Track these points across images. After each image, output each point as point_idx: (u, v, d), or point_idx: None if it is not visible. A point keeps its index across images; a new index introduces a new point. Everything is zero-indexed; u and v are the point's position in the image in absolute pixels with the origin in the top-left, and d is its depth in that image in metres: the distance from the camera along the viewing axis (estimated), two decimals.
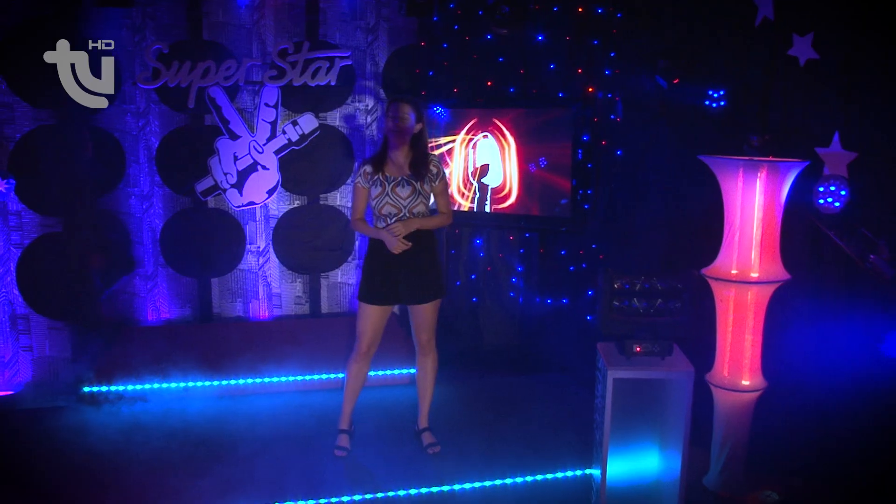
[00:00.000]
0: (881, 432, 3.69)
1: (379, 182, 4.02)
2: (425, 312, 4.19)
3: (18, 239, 5.51)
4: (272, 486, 3.89)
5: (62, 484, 3.94)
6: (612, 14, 5.11)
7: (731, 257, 3.86)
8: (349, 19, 5.99)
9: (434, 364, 4.35)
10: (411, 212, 4.01)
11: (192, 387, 5.05)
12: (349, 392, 4.30)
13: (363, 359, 4.22)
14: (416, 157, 4.04)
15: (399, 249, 3.98)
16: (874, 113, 3.97)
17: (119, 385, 4.97)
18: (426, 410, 4.39)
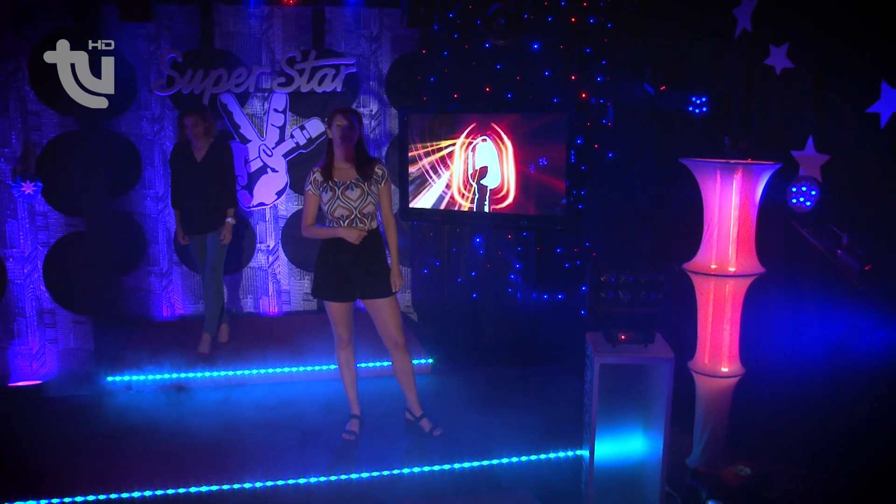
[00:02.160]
0: (849, 415, 4.02)
1: (329, 188, 4.30)
2: (384, 310, 4.44)
3: (45, 238, 5.90)
4: (285, 465, 4.25)
5: (85, 462, 4.31)
6: (603, 24, 5.45)
7: (710, 253, 4.21)
8: (354, 29, 6.36)
9: (408, 359, 4.58)
10: (361, 212, 4.31)
11: (205, 377, 5.41)
12: (346, 380, 4.66)
13: (345, 348, 4.57)
14: (360, 160, 4.33)
15: (359, 238, 4.28)
16: (845, 118, 4.30)
17: (138, 375, 5.34)
18: (415, 399, 4.68)
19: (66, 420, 4.92)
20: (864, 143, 4.08)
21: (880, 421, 3.87)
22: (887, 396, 3.83)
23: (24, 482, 4.05)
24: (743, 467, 3.84)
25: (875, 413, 3.90)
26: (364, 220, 4.35)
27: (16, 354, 5.97)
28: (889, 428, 3.82)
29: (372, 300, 4.43)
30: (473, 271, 6.35)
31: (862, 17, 4.16)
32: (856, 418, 3.98)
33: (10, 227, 5.87)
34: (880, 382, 3.89)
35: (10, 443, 4.58)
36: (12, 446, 4.52)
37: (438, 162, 6.05)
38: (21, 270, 5.93)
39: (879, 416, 3.88)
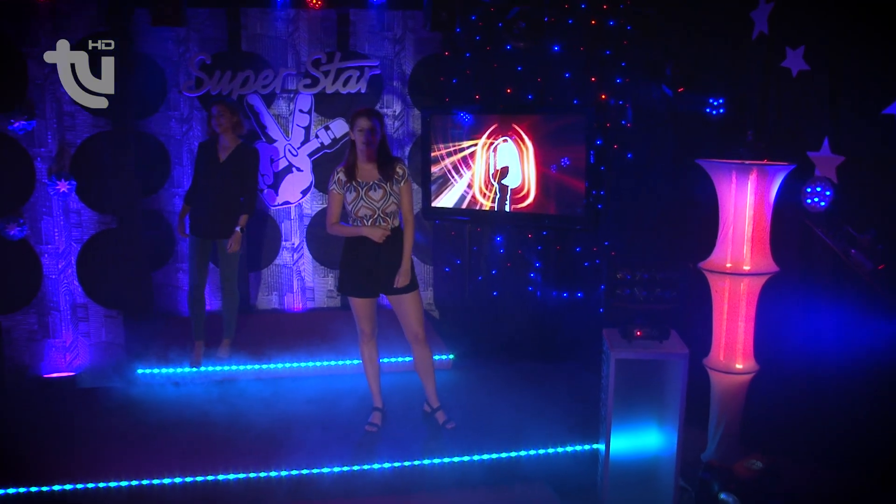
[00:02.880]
0: (860, 412, 4.13)
1: (353, 188, 4.48)
2: (406, 305, 4.62)
3: (79, 235, 6.14)
4: (310, 456, 4.44)
5: (117, 449, 4.53)
6: (622, 26, 5.59)
7: (725, 251, 4.34)
8: (378, 31, 6.54)
9: (428, 353, 4.76)
10: (384, 212, 4.49)
11: (232, 370, 5.62)
12: (369, 374, 4.85)
13: (368, 342, 4.77)
14: (382, 161, 4.51)
15: (382, 237, 4.47)
16: (860, 119, 4.40)
17: (166, 368, 5.56)
18: (433, 392, 4.85)
19: (98, 410, 5.16)
20: (879, 145, 4.19)
21: (891, 418, 3.99)
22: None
23: (61, 467, 4.28)
24: (755, 461, 3.96)
25: (886, 410, 4.01)
26: (387, 220, 4.52)
27: (50, 347, 6.22)
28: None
29: (395, 295, 4.61)
30: (494, 270, 6.50)
31: (877, 21, 4.27)
32: (867, 415, 4.10)
33: (46, 224, 6.11)
34: (891, 379, 4.00)
35: (46, 430, 4.81)
36: (48, 434, 4.76)
37: (460, 162, 6.21)
38: (56, 266, 6.18)
39: (890, 414, 4.00)
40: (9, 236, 5.90)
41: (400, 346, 5.29)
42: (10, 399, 5.58)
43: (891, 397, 3.96)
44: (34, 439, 4.69)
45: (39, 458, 4.44)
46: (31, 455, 4.47)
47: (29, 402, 5.47)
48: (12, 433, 4.80)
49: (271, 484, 4.30)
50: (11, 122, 5.79)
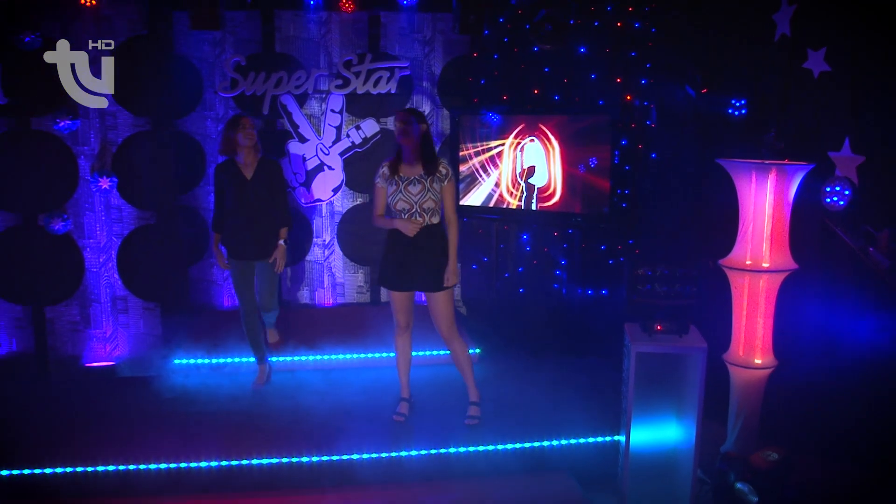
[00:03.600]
0: (876, 408, 4.26)
1: (394, 182, 4.73)
2: (438, 302, 4.82)
3: (119, 230, 6.43)
4: (339, 442, 4.67)
5: (154, 433, 4.80)
6: (647, 28, 5.75)
7: (744, 249, 4.50)
8: (408, 33, 6.76)
9: (462, 348, 4.95)
10: (421, 207, 4.69)
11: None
12: (400, 365, 5.06)
13: (401, 335, 4.97)
14: (425, 159, 4.72)
15: (414, 231, 4.68)
16: (880, 120, 4.52)
17: (201, 359, 5.84)
18: (472, 385, 5.04)
19: (136, 397, 5.45)
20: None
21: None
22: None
23: (101, 449, 4.57)
24: (771, 452, 4.11)
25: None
26: (423, 215, 4.72)
27: (91, 337, 6.53)
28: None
29: (428, 293, 4.82)
30: (520, 267, 6.68)
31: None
32: (883, 412, 4.23)
33: (88, 220, 6.42)
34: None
35: (88, 416, 5.11)
36: (90, 419, 5.05)
37: (488, 161, 6.41)
38: (97, 260, 6.48)
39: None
40: (53, 231, 6.22)
41: (432, 339, 5.48)
42: (54, 386, 5.93)
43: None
44: (77, 424, 4.98)
45: (82, 440, 4.71)
46: (74, 438, 4.75)
47: (72, 390, 5.77)
48: (57, 418, 5.09)
49: (301, 469, 4.56)
50: (57, 121, 6.10)
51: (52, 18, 6.07)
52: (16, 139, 6.16)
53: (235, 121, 5.23)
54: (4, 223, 6.29)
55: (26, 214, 6.29)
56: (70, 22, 6.10)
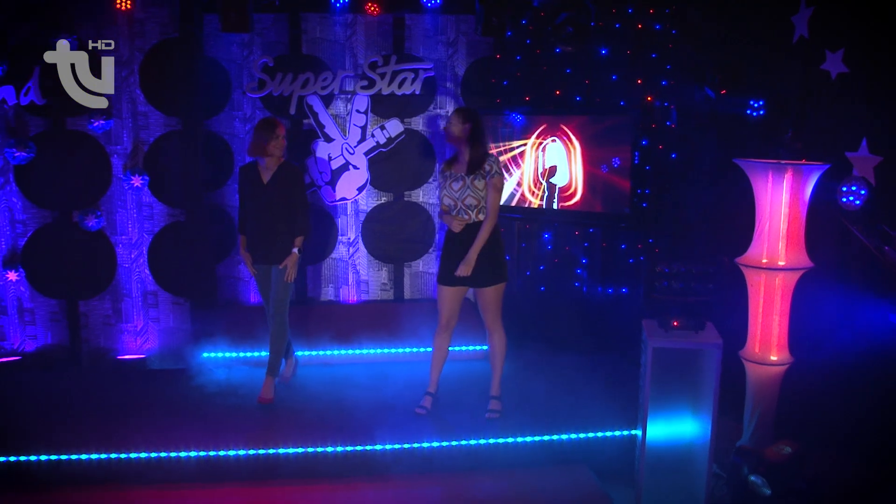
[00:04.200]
0: (891, 403, 4.37)
1: (445, 178, 4.97)
2: (485, 296, 5.02)
3: (150, 227, 6.67)
4: (362, 433, 4.86)
5: (182, 422, 5.04)
6: (668, 30, 5.88)
7: (761, 247, 4.62)
8: (432, 35, 6.93)
9: (500, 341, 5.15)
10: (464, 203, 4.87)
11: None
12: (434, 360, 5.22)
13: (443, 332, 5.13)
14: (473, 156, 4.90)
15: (458, 227, 4.88)
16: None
17: (229, 352, 6.06)
18: (496, 380, 5.20)
19: (166, 389, 5.70)
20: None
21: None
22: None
23: (135, 438, 4.78)
24: (784, 446, 4.24)
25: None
26: (468, 212, 4.89)
27: (122, 331, 6.76)
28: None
29: (476, 288, 5.02)
30: (542, 266, 6.83)
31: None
32: (894, 409, 4.33)
33: (120, 217, 6.66)
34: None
35: (120, 406, 5.35)
36: (122, 408, 5.29)
37: (510, 161, 6.57)
38: (129, 256, 6.72)
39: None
40: (87, 227, 6.46)
41: (462, 335, 5.69)
42: (88, 377, 6.20)
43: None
44: (110, 414, 5.21)
45: (115, 429, 4.93)
46: (107, 427, 4.97)
47: (104, 381, 6.01)
48: (90, 407, 5.33)
49: (326, 458, 4.75)
50: (91, 121, 6.33)
51: (87, 22, 6.31)
52: (52, 139, 6.41)
53: (272, 127, 5.24)
54: (41, 220, 6.54)
55: (62, 211, 6.53)
56: (105, 25, 6.35)
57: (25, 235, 6.52)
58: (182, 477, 4.67)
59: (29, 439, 4.75)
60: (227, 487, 4.64)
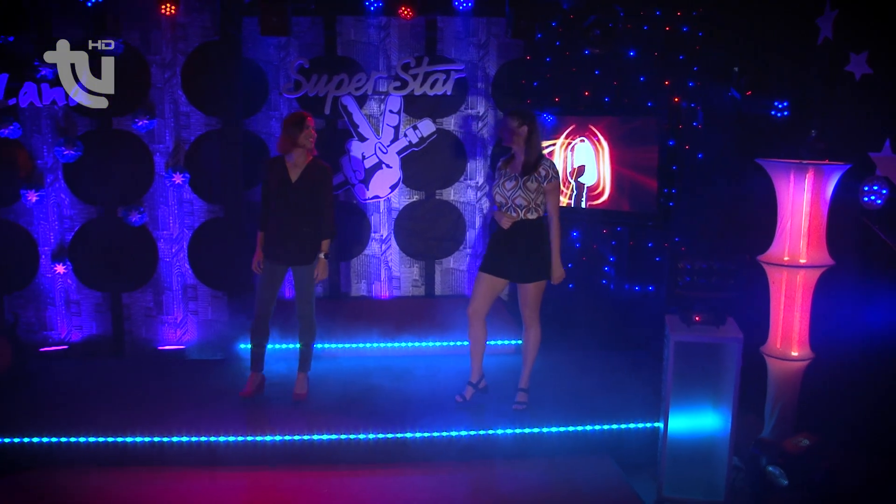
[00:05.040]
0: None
1: (500, 175, 5.18)
2: (525, 291, 5.21)
3: (190, 223, 6.97)
4: (395, 422, 5.10)
5: (224, 411, 5.31)
6: (695, 32, 6.02)
7: (783, 245, 4.77)
8: (463, 37, 7.15)
9: (535, 337, 5.33)
10: (514, 202, 5.06)
11: (325, 348, 6.34)
12: (471, 350, 5.40)
13: (474, 321, 5.29)
14: (528, 158, 5.08)
15: (506, 224, 5.08)
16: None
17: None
18: (526, 374, 5.39)
19: (205, 378, 5.99)
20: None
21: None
22: None
23: (176, 423, 5.06)
24: (802, 439, 4.38)
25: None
26: (517, 211, 5.09)
27: (163, 322, 7.08)
28: None
29: (518, 283, 5.22)
30: (570, 263, 6.96)
31: None
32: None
33: (161, 213, 6.97)
34: None
35: (161, 393, 5.65)
36: (163, 396, 5.59)
37: None
38: (170, 250, 7.03)
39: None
40: (130, 223, 6.78)
41: (496, 330, 5.89)
42: (130, 366, 6.53)
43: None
44: (152, 400, 5.52)
45: (157, 414, 5.22)
46: (150, 412, 5.27)
47: (146, 370, 6.33)
48: (133, 394, 5.64)
49: (359, 445, 4.99)
50: (135, 121, 6.67)
51: (133, 26, 6.66)
52: (98, 138, 6.74)
53: (300, 120, 5.17)
54: (87, 216, 6.88)
55: (107, 207, 6.87)
56: (150, 29, 6.68)
57: (73, 230, 6.87)
58: (221, 460, 4.94)
59: (76, 422, 5.06)
60: (264, 471, 4.88)
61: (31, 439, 4.93)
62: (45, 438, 4.94)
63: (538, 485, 4.80)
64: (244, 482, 4.80)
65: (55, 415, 5.20)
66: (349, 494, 4.67)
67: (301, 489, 4.71)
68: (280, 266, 5.34)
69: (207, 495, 4.67)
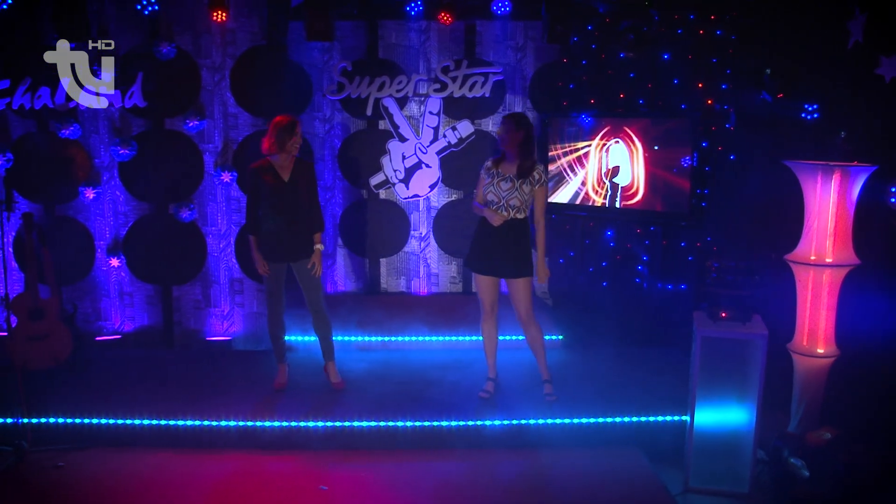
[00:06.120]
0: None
1: (492, 175, 5.36)
2: (516, 288, 5.39)
3: (238, 219, 7.30)
4: (429, 410, 5.37)
5: (272, 398, 5.65)
6: (728, 35, 6.19)
7: (809, 245, 4.93)
8: (501, 40, 7.39)
9: (536, 332, 5.49)
10: (507, 202, 5.27)
11: (365, 340, 6.68)
12: (486, 347, 5.69)
13: (487, 319, 5.57)
14: (522, 161, 5.29)
15: (498, 221, 5.27)
16: None
17: (306, 336, 6.61)
18: (544, 366, 5.60)
19: (251, 367, 6.34)
20: None
21: None
22: None
23: (226, 408, 5.40)
24: (825, 432, 4.55)
25: None
26: (509, 210, 5.31)
27: (211, 315, 7.44)
28: None
29: (508, 279, 5.42)
30: (604, 262, 7.20)
31: None
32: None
33: (210, 209, 7.33)
34: None
35: (209, 381, 6.02)
36: (212, 383, 5.95)
37: (575, 161, 6.97)
38: (217, 245, 7.38)
39: None
40: (181, 219, 7.16)
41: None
42: (180, 356, 6.94)
43: None
44: (202, 387, 5.88)
45: (208, 400, 5.58)
46: (199, 397, 5.63)
47: (194, 359, 6.73)
48: (183, 381, 6.01)
49: (397, 432, 5.27)
50: (186, 122, 7.04)
51: (186, 32, 7.03)
52: (152, 138, 7.12)
53: (291, 126, 5.40)
54: (140, 212, 7.27)
55: (159, 204, 7.25)
56: (201, 35, 7.05)
57: (126, 225, 7.26)
58: (267, 444, 5.26)
59: (129, 406, 5.44)
60: (305, 455, 5.19)
61: (89, 420, 5.32)
62: (102, 420, 5.33)
63: (568, 473, 5.01)
64: (286, 466, 5.08)
65: (111, 399, 5.59)
66: (394, 478, 4.95)
67: (343, 474, 4.99)
68: (280, 264, 5.59)
69: (255, 476, 4.97)
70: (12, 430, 5.11)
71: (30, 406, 5.18)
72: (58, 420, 5.32)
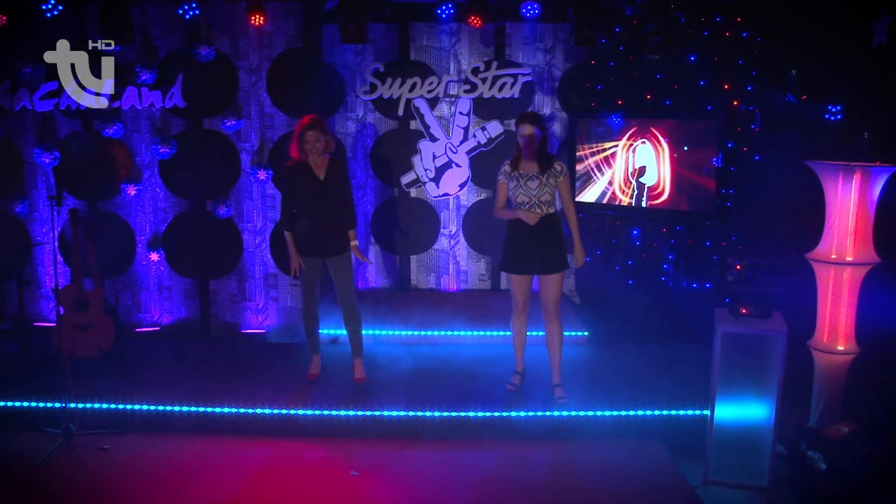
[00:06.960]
0: None
1: (515, 178, 5.51)
2: (550, 283, 5.55)
3: (273, 216, 7.55)
4: (459, 402, 5.58)
5: (305, 388, 5.90)
6: (753, 38, 6.30)
7: (830, 243, 5.06)
8: (530, 42, 7.57)
9: (559, 331, 5.64)
10: (539, 199, 5.44)
11: (394, 335, 6.90)
12: (516, 342, 5.85)
13: (519, 316, 5.75)
14: (542, 158, 5.47)
15: (534, 220, 5.42)
16: None
17: (340, 329, 6.78)
18: (557, 368, 5.70)
19: (284, 359, 6.61)
20: None
21: None
22: None
23: (261, 398, 5.66)
24: (842, 426, 4.68)
25: None
26: (541, 207, 5.49)
27: (246, 308, 7.69)
28: None
29: (543, 275, 5.58)
30: (630, 260, 7.33)
31: None
32: None
33: (246, 206, 7.58)
34: None
35: (245, 371, 6.28)
36: (248, 373, 6.21)
37: (602, 161, 7.13)
38: (253, 241, 7.63)
39: None
40: (218, 215, 7.42)
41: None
42: (216, 348, 7.19)
43: None
44: (237, 376, 6.15)
45: (243, 389, 5.83)
46: (236, 387, 5.89)
47: (231, 350, 6.99)
48: (220, 371, 6.29)
49: (427, 421, 5.48)
50: (224, 121, 7.31)
51: (224, 35, 7.29)
52: (191, 137, 7.40)
53: (301, 132, 5.56)
54: (179, 208, 7.55)
55: (197, 201, 7.52)
56: (239, 37, 7.31)
57: (166, 221, 7.54)
58: (302, 431, 5.49)
59: (169, 394, 5.70)
60: (339, 442, 5.41)
61: (131, 406, 5.61)
62: (143, 406, 5.61)
63: (592, 464, 5.17)
64: (319, 452, 5.30)
65: (151, 386, 5.86)
66: (421, 466, 5.15)
67: (373, 461, 5.20)
68: (316, 259, 5.80)
69: (292, 462, 5.19)
70: (60, 414, 5.39)
71: (76, 392, 5.46)
72: (102, 406, 5.61)
